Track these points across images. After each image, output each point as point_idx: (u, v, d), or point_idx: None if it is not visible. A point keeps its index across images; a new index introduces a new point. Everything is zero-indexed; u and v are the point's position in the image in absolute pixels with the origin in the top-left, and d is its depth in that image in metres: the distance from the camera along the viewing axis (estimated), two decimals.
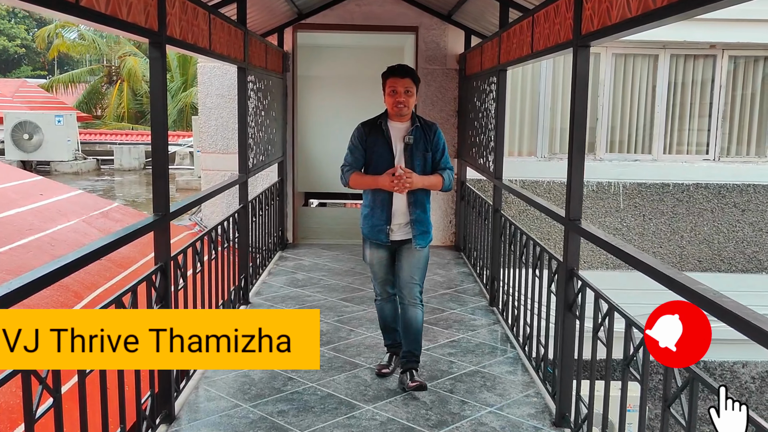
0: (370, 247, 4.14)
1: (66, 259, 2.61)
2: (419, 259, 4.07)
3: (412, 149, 3.96)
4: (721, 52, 8.01)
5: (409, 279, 4.07)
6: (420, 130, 3.99)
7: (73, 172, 17.84)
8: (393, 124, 4.01)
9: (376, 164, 3.98)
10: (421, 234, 4.03)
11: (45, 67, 42.93)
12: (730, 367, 8.12)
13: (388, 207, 4.00)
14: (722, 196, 7.98)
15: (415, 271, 4.08)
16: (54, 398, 2.37)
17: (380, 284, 4.23)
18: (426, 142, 4.00)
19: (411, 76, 3.94)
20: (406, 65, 4.02)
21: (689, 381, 2.25)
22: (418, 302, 4.10)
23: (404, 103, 3.91)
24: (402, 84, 3.90)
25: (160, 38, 3.37)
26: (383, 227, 4.03)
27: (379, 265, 4.17)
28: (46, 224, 6.14)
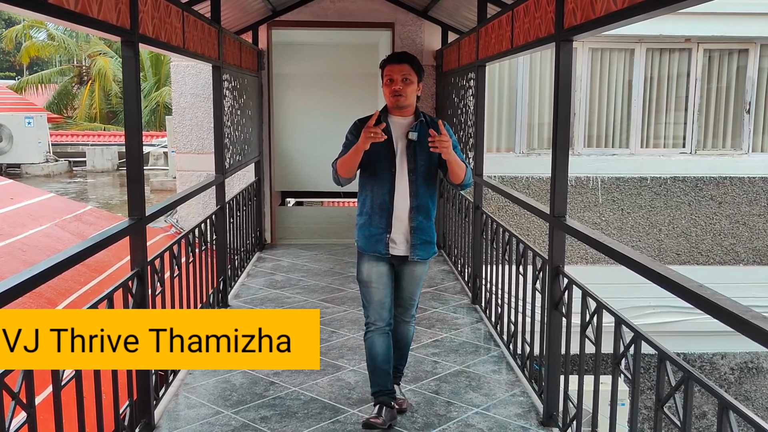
0: (368, 261, 3.55)
1: (39, 267, 2.52)
2: (420, 276, 3.62)
3: (416, 147, 3.43)
4: (696, 46, 8.04)
5: (408, 299, 3.65)
6: (425, 126, 3.46)
7: (45, 174, 17.55)
8: (394, 120, 3.50)
9: (374, 164, 3.45)
10: (422, 244, 3.51)
11: (15, 68, 42.19)
12: (709, 358, 8.16)
13: (388, 212, 3.47)
14: (699, 189, 8.01)
15: (414, 290, 3.65)
16: (28, 413, 2.27)
17: (377, 308, 3.55)
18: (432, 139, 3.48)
19: (409, 62, 3.45)
20: (406, 52, 3.57)
21: (684, 380, 2.21)
22: (412, 320, 3.76)
23: (401, 92, 3.41)
24: (399, 71, 3.42)
25: (133, 37, 3.26)
26: (382, 236, 3.48)
27: (378, 282, 3.53)
28: (16, 229, 5.98)
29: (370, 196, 3.53)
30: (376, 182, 3.49)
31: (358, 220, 3.60)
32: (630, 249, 2.77)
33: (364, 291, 3.59)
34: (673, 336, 7.69)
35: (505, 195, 4.74)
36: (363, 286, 3.59)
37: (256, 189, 7.49)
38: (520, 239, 4.32)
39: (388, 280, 3.56)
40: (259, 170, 7.65)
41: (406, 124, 3.49)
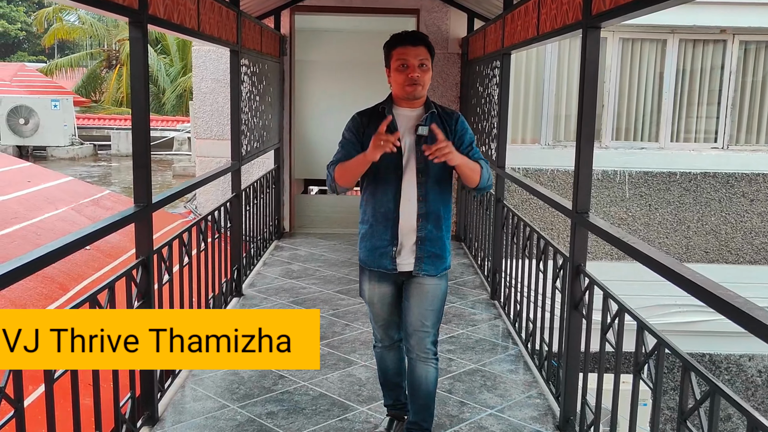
0: (370, 279, 3.10)
1: (34, 254, 2.41)
2: (433, 296, 3.03)
3: (428, 143, 2.86)
4: (731, 37, 7.76)
5: (418, 325, 3.04)
6: (437, 118, 2.98)
7: (70, 157, 17.63)
8: (401, 112, 2.99)
9: (377, 164, 2.89)
10: (429, 257, 2.99)
11: (45, 51, 42.60)
12: (736, 360, 7.93)
13: (394, 222, 2.97)
14: (730, 186, 7.76)
15: (427, 314, 3.03)
16: (15, 408, 2.17)
17: (382, 328, 3.20)
18: (446, 134, 2.94)
19: (426, 45, 2.93)
20: (417, 31, 3.02)
21: (710, 394, 2.05)
22: (431, 356, 3.09)
23: (419, 81, 2.89)
24: (415, 54, 2.89)
25: (141, 17, 3.15)
26: (387, 249, 2.99)
27: (381, 303, 3.11)
28: (32, 213, 5.94)
29: (372, 203, 3.03)
30: (379, 186, 2.99)
31: (360, 230, 3.13)
32: (656, 251, 2.60)
33: (369, 309, 3.24)
34: (699, 336, 7.48)
35: (527, 188, 4.57)
36: (367, 304, 3.23)
37: (275, 176, 7.38)
38: (541, 235, 4.15)
39: (393, 299, 3.12)
40: (279, 158, 7.54)
41: (414, 116, 2.98)
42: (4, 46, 43.15)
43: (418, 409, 3.16)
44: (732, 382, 7.93)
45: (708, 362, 7.87)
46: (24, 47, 44.45)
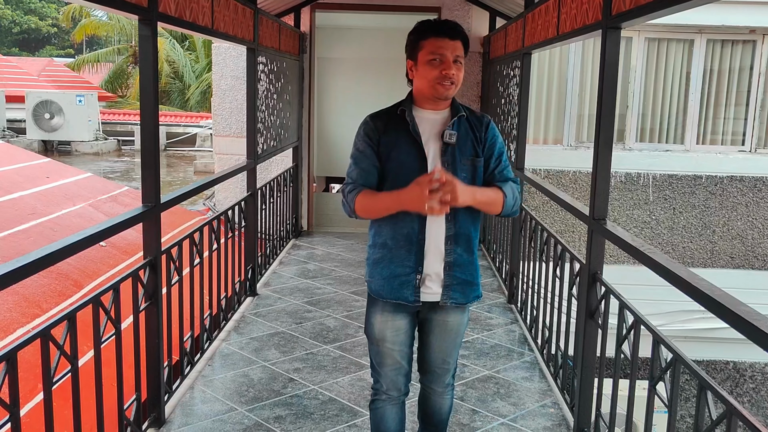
0: (383, 312, 2.57)
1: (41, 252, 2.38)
2: (456, 333, 2.64)
3: (455, 153, 2.46)
4: (761, 38, 7.57)
5: (439, 363, 2.67)
6: (466, 124, 2.53)
7: (94, 152, 17.78)
8: (423, 114, 2.51)
9: (399, 177, 2.42)
10: (459, 285, 2.52)
11: (74, 46, 43.09)
12: (761, 368, 7.75)
13: (419, 245, 2.48)
14: (758, 190, 7.57)
15: (449, 351, 2.65)
16: (11, 413, 2.14)
17: (391, 375, 2.64)
18: (476, 143, 2.52)
19: (464, 40, 2.48)
20: (453, 21, 2.50)
21: (726, 415, 1.96)
22: (449, 390, 2.78)
23: (454, 79, 2.44)
24: (452, 48, 2.42)
25: (151, 15, 3.10)
26: (410, 277, 2.50)
27: (393, 341, 2.58)
28: (49, 208, 5.94)
29: (391, 223, 2.49)
30: None
31: (371, 254, 2.61)
32: (674, 263, 2.50)
33: (374, 350, 2.64)
34: (723, 343, 7.30)
35: (544, 191, 4.47)
36: (372, 344, 2.65)
37: (294, 174, 7.34)
38: (558, 240, 4.05)
39: (407, 338, 2.60)
40: (298, 156, 7.50)
41: (439, 120, 2.52)
42: (34, 41, 43.75)
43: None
44: (757, 391, 7.74)
45: (732, 370, 7.69)
46: (53, 42, 45.03)
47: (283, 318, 4.99)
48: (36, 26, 42.93)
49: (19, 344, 2.18)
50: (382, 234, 2.54)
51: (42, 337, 2.32)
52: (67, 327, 2.48)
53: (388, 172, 2.49)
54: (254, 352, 4.36)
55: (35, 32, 43.35)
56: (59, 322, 2.44)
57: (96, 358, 2.74)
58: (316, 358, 4.30)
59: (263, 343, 4.52)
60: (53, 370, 2.37)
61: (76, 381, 2.56)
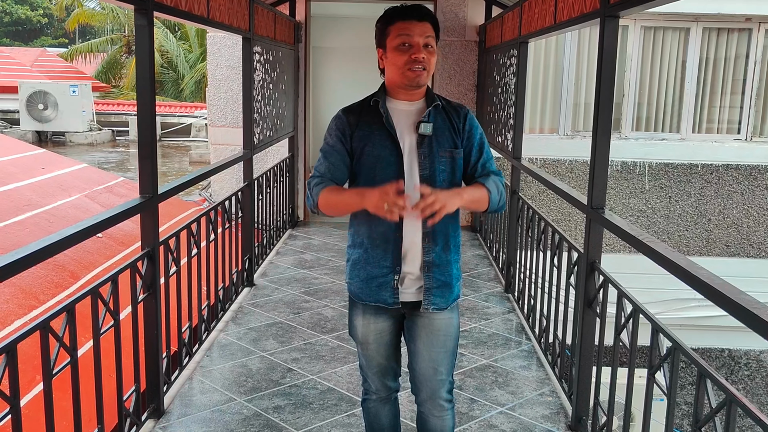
0: (364, 313, 2.48)
1: (38, 244, 2.36)
2: (446, 334, 2.45)
3: (432, 144, 2.35)
4: (757, 26, 7.57)
5: (430, 374, 2.46)
6: (442, 113, 2.40)
7: (88, 143, 17.71)
8: (397, 106, 2.40)
9: (374, 172, 2.35)
10: (438, 288, 2.40)
11: (68, 35, 42.86)
12: (756, 356, 7.79)
13: (395, 244, 2.36)
14: (753, 178, 7.59)
15: (439, 358, 2.45)
16: (11, 405, 2.13)
17: (377, 375, 2.56)
18: (454, 134, 2.39)
19: (432, 22, 2.35)
20: (420, 4, 2.40)
21: (726, 403, 1.97)
22: (447, 407, 2.53)
23: (425, 64, 2.30)
24: (420, 32, 2.30)
25: (146, 4, 3.08)
26: (387, 278, 2.39)
27: (377, 343, 2.50)
28: (45, 200, 5.92)
29: (366, 221, 2.37)
30: None
31: (349, 254, 2.51)
32: (672, 251, 2.50)
33: (360, 351, 2.57)
34: (719, 331, 7.34)
35: (541, 180, 4.47)
36: (357, 345, 2.58)
37: (290, 165, 7.32)
38: (555, 229, 4.06)
39: (392, 338, 2.52)
40: (294, 146, 7.48)
41: (414, 111, 2.40)
42: (27, 32, 43.47)
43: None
44: (752, 378, 7.79)
45: (727, 358, 7.73)
46: (46, 32, 44.76)
47: (280, 308, 4.99)
48: (27, 16, 42.66)
49: (19, 336, 2.18)
50: (360, 233, 2.43)
51: (41, 329, 2.31)
52: (66, 319, 2.47)
53: (362, 166, 2.37)
54: (252, 342, 4.37)
55: (27, 22, 43.08)
56: (58, 314, 2.43)
57: (95, 349, 2.74)
58: (314, 348, 4.30)
59: (261, 333, 4.52)
60: (53, 361, 2.36)
61: (75, 372, 2.55)
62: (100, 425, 2.80)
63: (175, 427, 3.32)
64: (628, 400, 2.84)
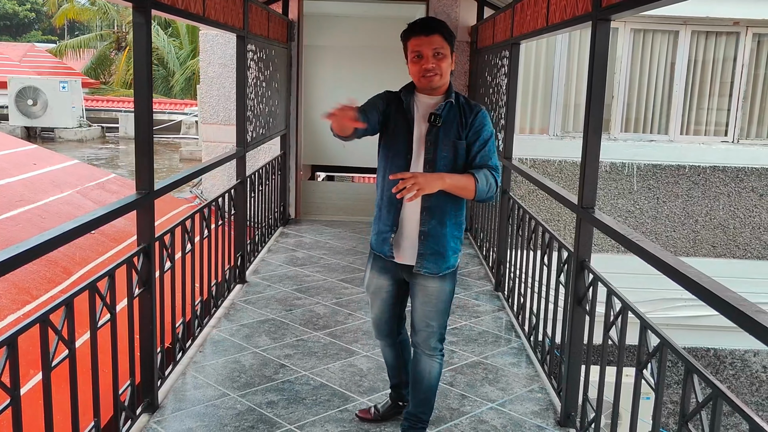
0: (372, 267, 3.08)
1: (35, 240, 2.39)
2: (437, 299, 2.94)
3: (439, 133, 2.83)
4: (744, 30, 7.67)
5: (423, 325, 2.98)
6: (454, 109, 2.86)
7: (78, 139, 17.63)
8: (421, 99, 2.91)
9: (391, 147, 2.91)
10: (432, 255, 2.88)
11: (56, 31, 42.61)
12: (741, 355, 7.90)
13: (397, 209, 2.90)
14: (740, 180, 7.69)
15: (431, 315, 2.96)
16: (12, 396, 2.16)
17: (375, 323, 3.20)
18: (461, 127, 2.83)
19: (441, 32, 2.80)
20: (432, 18, 2.91)
21: (712, 397, 2.02)
22: (437, 353, 3.04)
23: (435, 71, 2.79)
24: (429, 44, 2.78)
25: (145, 2, 3.11)
26: (387, 234, 2.93)
27: (375, 296, 3.09)
28: (37, 195, 5.93)
29: (382, 186, 2.96)
30: (389, 170, 2.88)
31: (374, 211, 3.07)
32: (661, 249, 2.56)
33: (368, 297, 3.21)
34: (704, 330, 7.44)
35: (533, 181, 4.53)
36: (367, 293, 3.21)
37: (282, 163, 7.35)
38: (546, 228, 4.12)
39: (389, 296, 3.07)
40: (286, 144, 7.51)
41: (432, 104, 2.89)
42: (15, 27, 43.18)
43: (418, 402, 3.12)
44: (737, 377, 7.89)
45: (713, 357, 7.83)
46: (35, 28, 44.48)
47: (272, 305, 5.03)
48: (14, 11, 42.38)
49: (19, 329, 2.21)
50: (378, 196, 3.01)
51: (41, 323, 2.34)
52: (65, 312, 2.50)
53: (382, 140, 2.94)
54: (245, 338, 4.40)
55: (14, 17, 42.78)
56: (57, 308, 2.46)
57: (92, 343, 2.76)
58: (306, 344, 4.34)
59: (254, 329, 4.56)
60: (52, 354, 2.39)
61: (73, 365, 2.58)
62: (97, 418, 2.84)
63: (169, 422, 3.35)
64: (617, 397, 2.89)
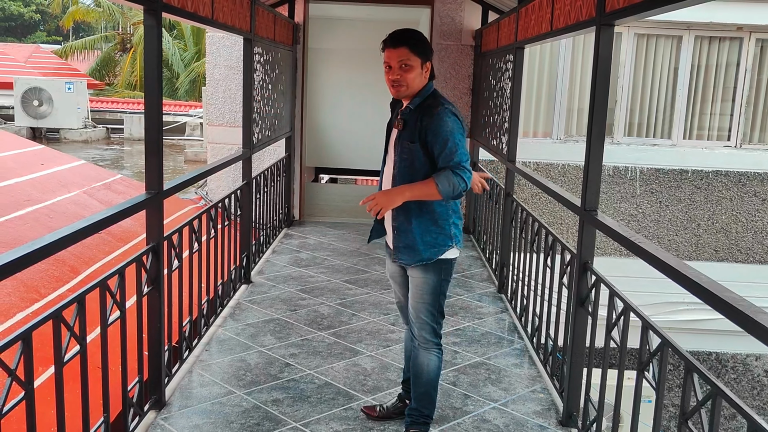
0: (386, 254, 3.33)
1: (48, 238, 2.44)
2: (421, 290, 3.07)
3: (400, 137, 3.02)
4: (747, 35, 7.71)
5: (414, 317, 3.13)
6: (416, 113, 2.97)
7: (83, 140, 17.72)
8: (403, 106, 3.12)
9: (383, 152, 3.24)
10: (404, 248, 3.06)
11: (61, 32, 42.74)
12: (742, 359, 7.92)
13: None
14: (742, 185, 7.72)
15: (417, 306, 3.10)
16: (26, 390, 2.21)
17: (397, 305, 3.48)
18: (417, 130, 2.94)
19: (407, 44, 2.93)
20: (405, 30, 3.01)
21: (711, 395, 2.07)
22: (432, 346, 3.13)
23: (401, 82, 2.94)
24: (396, 56, 2.93)
25: (156, 5, 3.17)
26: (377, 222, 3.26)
27: (393, 281, 3.33)
28: (45, 195, 5.98)
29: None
30: (380, 172, 3.26)
31: None
32: (662, 251, 2.60)
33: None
34: (706, 334, 7.47)
35: (536, 183, 4.57)
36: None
37: (286, 165, 7.40)
38: (549, 230, 4.16)
39: (402, 280, 3.24)
40: (290, 146, 7.56)
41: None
42: (20, 28, 43.32)
43: (419, 396, 3.18)
44: (738, 381, 7.92)
45: (714, 361, 7.86)
46: (40, 29, 44.62)
47: (277, 305, 5.07)
48: (20, 12, 42.52)
49: (33, 324, 2.26)
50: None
51: (54, 318, 2.39)
52: (76, 309, 2.55)
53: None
54: (250, 337, 4.45)
55: (19, 18, 42.92)
56: (69, 305, 2.51)
57: (102, 339, 2.81)
58: (311, 344, 4.39)
59: (259, 329, 4.60)
60: (64, 349, 2.44)
61: (84, 361, 2.63)
62: (106, 414, 2.88)
63: (176, 419, 3.40)
64: (618, 398, 2.93)
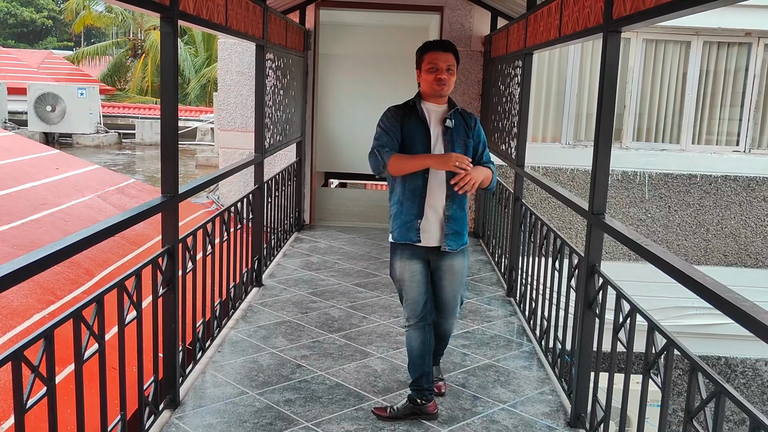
0: (401, 257, 3.48)
1: (66, 241, 2.51)
2: (461, 271, 3.54)
3: (452, 134, 3.43)
4: (756, 40, 7.73)
5: (451, 300, 3.56)
6: (459, 116, 3.51)
7: (95, 145, 17.88)
8: (429, 107, 3.47)
9: (409, 149, 3.42)
10: (453, 234, 3.44)
11: (72, 38, 43.08)
12: (752, 364, 7.93)
13: (420, 198, 3.41)
14: (751, 190, 7.74)
15: (458, 287, 3.56)
16: (47, 386, 2.28)
17: (411, 306, 3.49)
18: (467, 129, 3.50)
19: (454, 52, 3.44)
20: (448, 41, 3.52)
21: (715, 394, 2.11)
22: (457, 315, 3.71)
23: (445, 81, 3.39)
24: (444, 59, 3.39)
25: (172, 13, 3.24)
26: (413, 222, 3.41)
27: (411, 280, 3.46)
28: (60, 199, 6.07)
29: (401, 181, 3.43)
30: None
31: (391, 210, 3.53)
32: (669, 254, 2.65)
33: (398, 287, 3.56)
34: (715, 339, 7.49)
35: (545, 188, 4.62)
36: (397, 283, 3.55)
37: (297, 169, 7.48)
38: (557, 234, 4.21)
39: (422, 278, 3.46)
40: (301, 151, 7.64)
41: (441, 111, 3.48)
42: (32, 34, 43.67)
43: (440, 348, 3.81)
44: (747, 386, 7.92)
45: (723, 365, 7.87)
46: (53, 34, 44.96)
47: (288, 308, 5.14)
48: (32, 18, 42.86)
49: (55, 323, 2.32)
50: (396, 192, 3.47)
51: (74, 318, 2.46)
52: (95, 309, 2.61)
53: (402, 142, 3.42)
54: (262, 339, 4.51)
55: (32, 24, 43.27)
56: (89, 304, 2.58)
57: (119, 339, 2.88)
58: (322, 345, 4.45)
59: (270, 331, 4.67)
60: (83, 348, 2.51)
61: (102, 360, 2.69)
62: (123, 412, 2.95)
63: (190, 418, 3.46)
64: (625, 400, 2.97)
